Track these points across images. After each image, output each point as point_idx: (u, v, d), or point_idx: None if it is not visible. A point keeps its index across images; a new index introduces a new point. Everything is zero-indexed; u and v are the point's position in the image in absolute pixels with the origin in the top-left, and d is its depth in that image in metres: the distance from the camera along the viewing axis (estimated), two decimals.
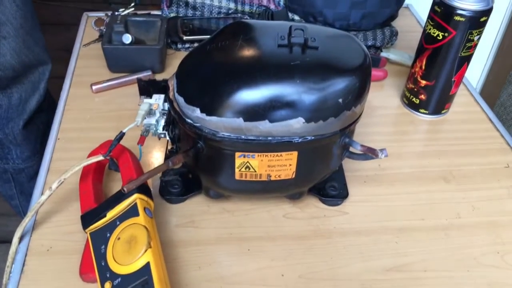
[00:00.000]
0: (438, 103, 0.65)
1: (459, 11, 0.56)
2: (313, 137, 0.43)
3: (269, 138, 0.42)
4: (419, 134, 0.65)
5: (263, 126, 0.41)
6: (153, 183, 0.54)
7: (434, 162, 0.60)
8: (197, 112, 0.42)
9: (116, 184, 0.54)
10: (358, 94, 0.43)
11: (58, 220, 0.50)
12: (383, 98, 0.70)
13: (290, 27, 0.43)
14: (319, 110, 0.42)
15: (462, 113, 0.68)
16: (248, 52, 0.43)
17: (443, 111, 0.66)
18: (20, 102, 0.77)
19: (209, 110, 0.42)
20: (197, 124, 0.43)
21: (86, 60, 0.74)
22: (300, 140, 0.43)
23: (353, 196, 0.55)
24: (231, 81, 0.41)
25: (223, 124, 0.42)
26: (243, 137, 0.43)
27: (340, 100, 0.42)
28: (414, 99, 0.66)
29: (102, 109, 0.65)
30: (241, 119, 0.41)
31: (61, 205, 0.52)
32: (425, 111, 0.66)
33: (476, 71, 1.21)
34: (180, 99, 0.43)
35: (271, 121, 0.41)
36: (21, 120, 0.79)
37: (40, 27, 0.79)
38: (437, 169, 0.59)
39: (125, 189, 0.39)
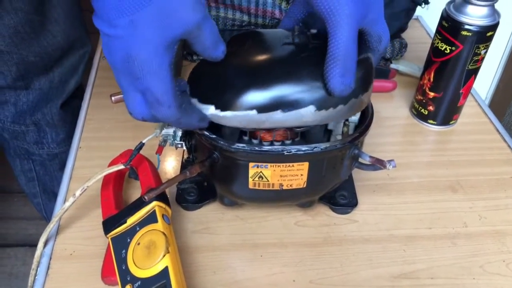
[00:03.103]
0: (446, 114, 0.67)
1: (466, 26, 0.58)
2: (323, 148, 0.45)
3: (282, 149, 0.45)
4: (428, 144, 0.67)
5: (276, 117, 0.42)
6: (170, 191, 0.56)
7: (442, 172, 0.62)
8: (211, 110, 0.43)
9: (135, 191, 0.57)
10: (364, 81, 0.44)
11: (81, 226, 0.53)
12: (393, 109, 0.72)
13: (294, 28, 0.46)
14: (329, 97, 0.43)
15: (470, 124, 0.70)
16: (257, 51, 0.46)
17: (451, 122, 0.68)
18: (60, 84, 0.81)
19: (223, 106, 0.43)
20: (213, 136, 0.46)
21: (105, 72, 0.77)
22: (311, 151, 0.45)
23: (362, 205, 0.56)
24: (242, 76, 0.43)
25: (238, 118, 0.43)
26: (256, 148, 0.45)
27: None
28: (422, 110, 0.68)
29: (120, 119, 0.68)
30: (254, 111, 0.42)
31: (83, 211, 0.54)
32: (433, 122, 0.68)
33: (487, 79, 1.22)
34: (194, 100, 0.45)
35: (283, 111, 0.42)
36: (59, 100, 0.82)
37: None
38: (445, 179, 0.61)
39: (146, 197, 0.42)
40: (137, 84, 0.38)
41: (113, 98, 0.71)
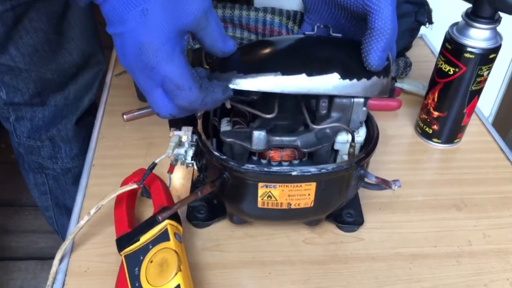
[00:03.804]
0: (451, 133, 0.68)
1: (469, 49, 0.59)
2: (330, 169, 0.47)
3: (290, 170, 0.46)
4: (432, 162, 0.68)
5: (300, 81, 0.43)
6: (181, 209, 0.58)
7: (446, 190, 0.63)
8: (233, 77, 0.44)
9: (147, 209, 0.59)
10: (386, 66, 0.46)
11: (95, 243, 0.55)
12: (397, 128, 0.73)
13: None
14: (352, 68, 0.44)
15: (474, 142, 0.71)
16: (277, 39, 0.49)
17: (455, 141, 0.69)
18: (75, 101, 0.84)
19: (246, 69, 0.44)
20: (223, 157, 0.47)
21: (117, 90, 0.80)
22: (318, 172, 0.46)
23: (368, 223, 0.58)
24: (265, 45, 0.46)
25: (260, 83, 0.43)
26: (265, 169, 0.46)
27: None
28: (427, 129, 0.69)
29: (133, 137, 0.70)
30: (278, 73, 0.43)
31: (97, 228, 0.56)
32: (438, 141, 0.69)
33: (490, 97, 1.23)
34: (214, 75, 0.45)
35: (308, 75, 0.43)
36: (74, 116, 0.85)
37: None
38: (449, 197, 0.62)
39: (159, 218, 0.44)
40: (153, 75, 0.39)
41: (125, 116, 0.73)
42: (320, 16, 0.50)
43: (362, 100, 0.49)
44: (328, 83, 0.44)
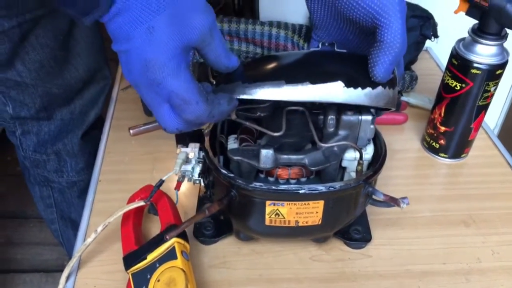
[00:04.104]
0: (457, 148, 0.68)
1: (475, 65, 0.59)
2: (338, 187, 0.47)
3: (298, 188, 0.46)
4: (439, 178, 0.68)
5: (305, 89, 0.43)
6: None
7: (454, 206, 0.63)
8: (238, 87, 0.44)
9: (154, 225, 0.59)
10: (392, 79, 0.46)
11: (101, 260, 0.55)
12: (404, 142, 0.73)
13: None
14: (357, 77, 0.45)
15: (481, 156, 0.70)
16: (282, 55, 0.50)
17: (462, 155, 0.69)
18: (80, 115, 0.84)
19: (250, 78, 0.44)
20: (231, 175, 0.47)
21: (124, 104, 0.80)
22: (326, 190, 0.46)
23: (376, 239, 0.57)
24: (270, 60, 0.47)
25: (264, 91, 0.43)
26: (273, 187, 0.46)
27: None
28: (434, 143, 0.69)
29: (139, 151, 0.70)
30: (282, 82, 0.43)
31: (104, 245, 0.56)
32: (445, 155, 0.69)
33: (496, 107, 1.23)
34: (219, 88, 0.46)
35: (312, 83, 0.43)
36: (80, 131, 0.85)
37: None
38: (457, 213, 0.61)
39: (167, 237, 0.43)
40: (160, 90, 0.39)
41: (131, 131, 0.74)
42: (328, 32, 0.50)
43: (370, 117, 0.49)
44: (333, 91, 0.44)
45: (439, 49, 0.95)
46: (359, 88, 0.44)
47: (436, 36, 0.80)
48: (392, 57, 0.43)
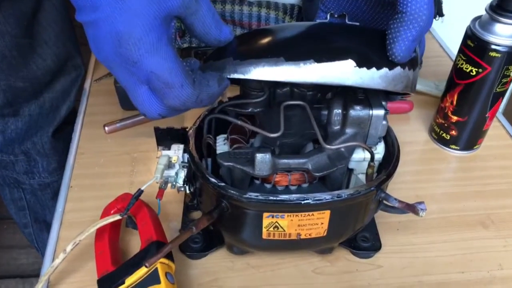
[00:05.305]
0: (471, 139, 0.61)
1: (494, 47, 0.52)
2: (347, 195, 0.40)
3: (301, 198, 0.39)
4: (451, 172, 0.61)
5: (308, 68, 0.36)
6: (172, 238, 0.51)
7: (469, 205, 0.56)
8: (228, 65, 0.37)
9: (134, 238, 0.51)
10: (413, 58, 0.39)
11: (73, 282, 0.47)
12: (410, 133, 0.66)
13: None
14: (371, 55, 0.38)
15: (495, 147, 0.64)
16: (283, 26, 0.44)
17: (475, 147, 0.63)
18: (51, 110, 0.76)
19: (243, 53, 0.37)
20: (221, 184, 0.40)
21: (98, 97, 0.72)
22: (333, 199, 0.40)
23: (386, 247, 0.51)
24: (266, 32, 0.40)
25: (259, 70, 0.36)
26: (271, 198, 0.39)
27: None
28: (444, 134, 0.62)
29: (116, 151, 0.63)
30: (281, 59, 0.36)
31: (75, 263, 0.49)
32: (456, 147, 0.62)
33: None
34: (207, 64, 0.39)
35: (317, 61, 0.36)
36: (50, 128, 0.78)
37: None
38: (473, 213, 0.55)
39: (147, 264, 0.36)
40: (136, 71, 0.33)
41: (106, 128, 0.65)
42: (338, 1, 0.43)
43: (382, 112, 0.42)
44: (342, 71, 0.37)
45: (442, 30, 0.88)
46: (374, 69, 0.37)
47: (441, 14, 0.73)
48: (416, 32, 0.36)
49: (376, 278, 0.49)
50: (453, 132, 0.61)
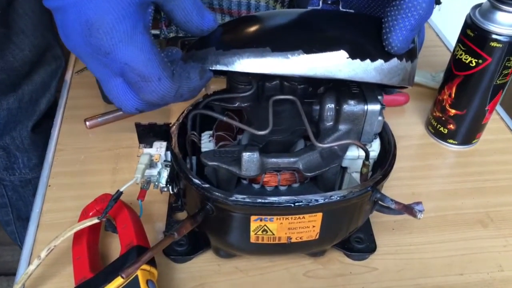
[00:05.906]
0: (469, 133, 0.59)
1: (495, 36, 0.49)
2: (341, 197, 0.37)
3: (291, 201, 0.36)
4: (448, 168, 0.59)
5: (296, 60, 0.33)
6: (156, 239, 0.48)
7: (468, 202, 0.54)
8: (210, 55, 0.34)
9: (115, 241, 0.48)
10: (411, 49, 0.36)
11: None
12: (406, 126, 0.64)
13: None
14: (365, 45, 0.35)
15: (494, 141, 0.62)
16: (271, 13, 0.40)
17: (473, 141, 0.60)
18: (30, 103, 0.73)
19: (226, 43, 0.34)
20: (206, 185, 0.37)
21: (78, 90, 0.68)
22: (326, 200, 0.37)
23: (381, 248, 0.49)
24: (251, 18, 0.37)
25: (243, 61, 0.34)
26: (259, 200, 0.36)
27: None
28: (441, 128, 0.60)
29: (97, 147, 0.59)
30: (268, 50, 0.33)
31: (51, 269, 0.46)
32: (453, 142, 0.60)
33: None
34: (189, 54, 0.36)
35: (306, 51, 0.34)
36: (30, 122, 0.74)
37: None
38: (472, 211, 0.53)
39: (123, 275, 0.33)
40: (109, 62, 0.30)
41: (88, 122, 0.62)
42: None
43: (378, 107, 0.39)
44: (333, 63, 0.34)
45: (438, 18, 0.85)
46: (368, 60, 0.34)
47: (438, 2, 0.70)
48: (415, 21, 0.33)
49: (371, 281, 0.46)
50: (451, 126, 0.58)
